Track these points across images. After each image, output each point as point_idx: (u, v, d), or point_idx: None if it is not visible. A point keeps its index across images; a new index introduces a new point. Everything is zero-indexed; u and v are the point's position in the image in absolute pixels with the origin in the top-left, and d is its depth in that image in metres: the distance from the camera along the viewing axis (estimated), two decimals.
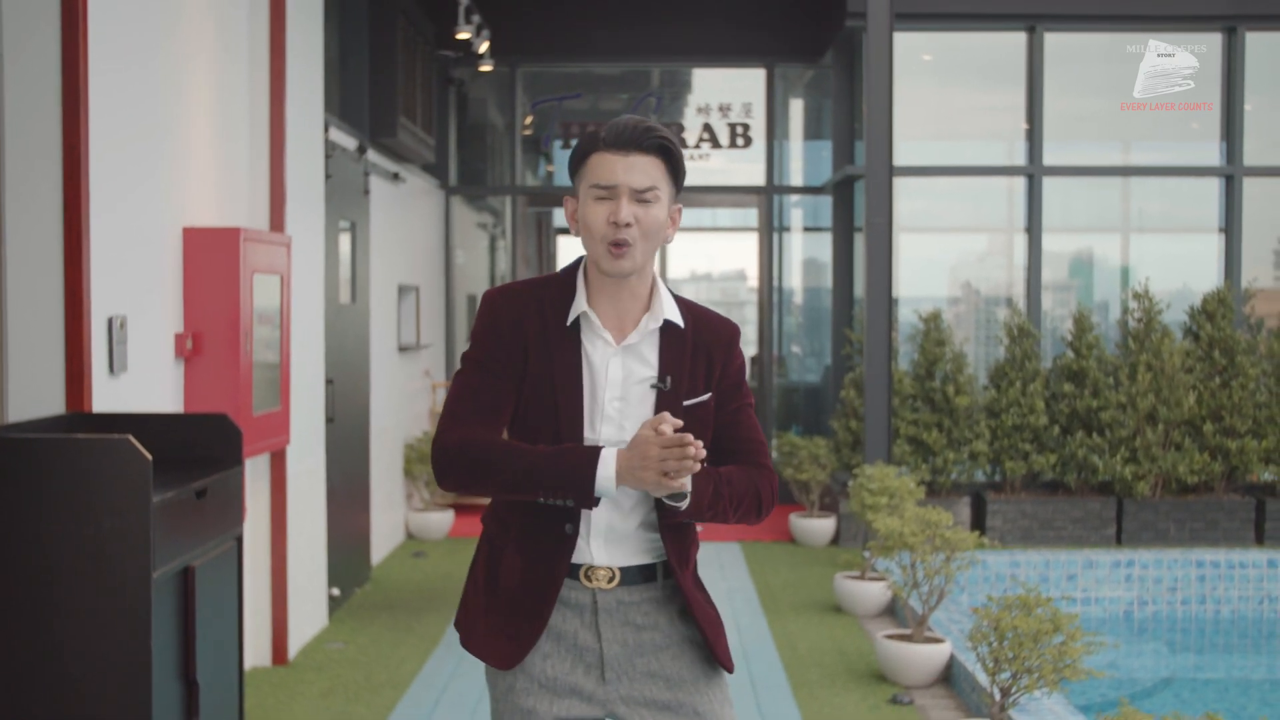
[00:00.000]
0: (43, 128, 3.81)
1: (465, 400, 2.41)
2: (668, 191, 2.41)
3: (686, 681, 2.44)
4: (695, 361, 2.45)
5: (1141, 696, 6.41)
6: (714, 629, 2.47)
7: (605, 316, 2.44)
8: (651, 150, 2.37)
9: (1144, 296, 8.81)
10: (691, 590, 2.46)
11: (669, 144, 2.38)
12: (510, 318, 2.43)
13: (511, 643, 2.41)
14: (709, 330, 2.48)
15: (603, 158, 2.37)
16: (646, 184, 2.36)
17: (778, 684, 5.67)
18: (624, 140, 2.37)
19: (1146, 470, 8.44)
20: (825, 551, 8.66)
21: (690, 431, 2.33)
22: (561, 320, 2.42)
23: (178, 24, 4.83)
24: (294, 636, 6.03)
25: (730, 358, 2.49)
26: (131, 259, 4.26)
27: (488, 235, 12.47)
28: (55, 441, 3.19)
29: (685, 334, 2.45)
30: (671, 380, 2.42)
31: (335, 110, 7.46)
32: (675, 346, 2.44)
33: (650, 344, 2.44)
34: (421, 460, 9.00)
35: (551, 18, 10.64)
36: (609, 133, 2.38)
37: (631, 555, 2.43)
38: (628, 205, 2.35)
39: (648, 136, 2.37)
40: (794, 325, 11.84)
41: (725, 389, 2.48)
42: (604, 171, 2.37)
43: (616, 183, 2.35)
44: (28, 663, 3.16)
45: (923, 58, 9.98)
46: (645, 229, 2.37)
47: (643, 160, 2.37)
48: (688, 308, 2.49)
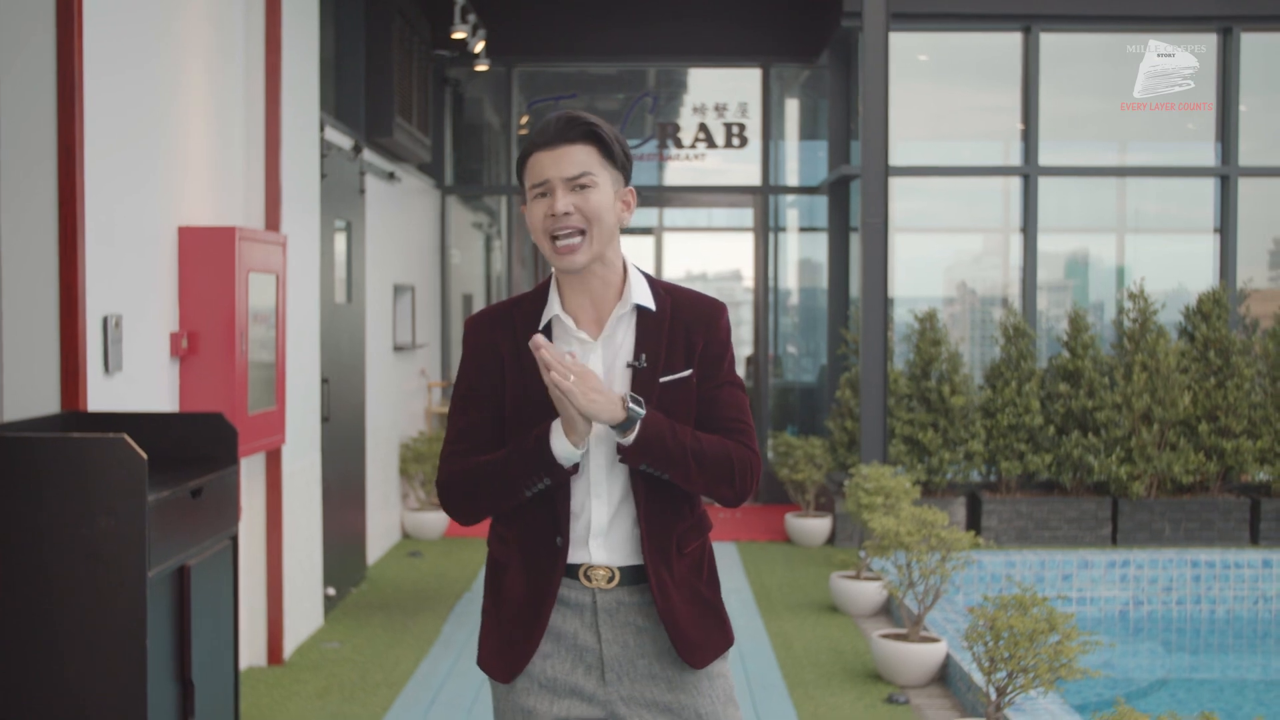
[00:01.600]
0: (38, 128, 3.80)
1: (455, 442, 2.46)
2: (608, 176, 2.40)
3: (689, 683, 2.43)
4: (674, 339, 2.43)
5: (1137, 696, 6.41)
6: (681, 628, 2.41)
7: (583, 313, 2.44)
8: (578, 139, 2.37)
9: (1139, 297, 8.82)
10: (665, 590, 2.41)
11: (596, 128, 2.38)
12: (485, 342, 2.46)
13: (511, 655, 2.42)
14: (689, 308, 2.47)
15: (536, 158, 2.39)
16: (577, 171, 2.36)
17: (773, 684, 5.68)
18: (551, 136, 2.38)
19: (1142, 470, 8.45)
20: (821, 551, 8.66)
21: (669, 409, 2.37)
22: (534, 329, 2.44)
23: (173, 24, 4.83)
24: (289, 636, 6.03)
25: (713, 334, 2.47)
26: (127, 258, 4.26)
27: (483, 235, 12.47)
28: (50, 440, 3.19)
29: (663, 314, 2.45)
30: (647, 358, 2.41)
31: (331, 109, 7.46)
32: (651, 327, 2.44)
33: (627, 330, 2.44)
34: (417, 460, 9.00)
35: (547, 18, 10.64)
36: (538, 132, 2.40)
37: (629, 555, 2.43)
38: (563, 196, 2.36)
39: (572, 126, 2.37)
40: (789, 325, 11.84)
41: (705, 362, 2.45)
42: (537, 170, 2.39)
43: (548, 176, 2.37)
44: (23, 661, 3.15)
45: (919, 58, 9.98)
46: (587, 214, 2.36)
47: (572, 149, 2.37)
48: (668, 290, 2.49)
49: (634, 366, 2.41)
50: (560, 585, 2.41)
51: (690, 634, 2.43)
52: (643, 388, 2.39)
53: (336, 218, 7.15)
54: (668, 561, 2.43)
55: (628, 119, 11.01)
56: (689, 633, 2.42)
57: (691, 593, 2.46)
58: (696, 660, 2.42)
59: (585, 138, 2.38)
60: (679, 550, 2.45)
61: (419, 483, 9.18)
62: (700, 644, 2.43)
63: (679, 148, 10.93)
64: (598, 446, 2.40)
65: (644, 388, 2.39)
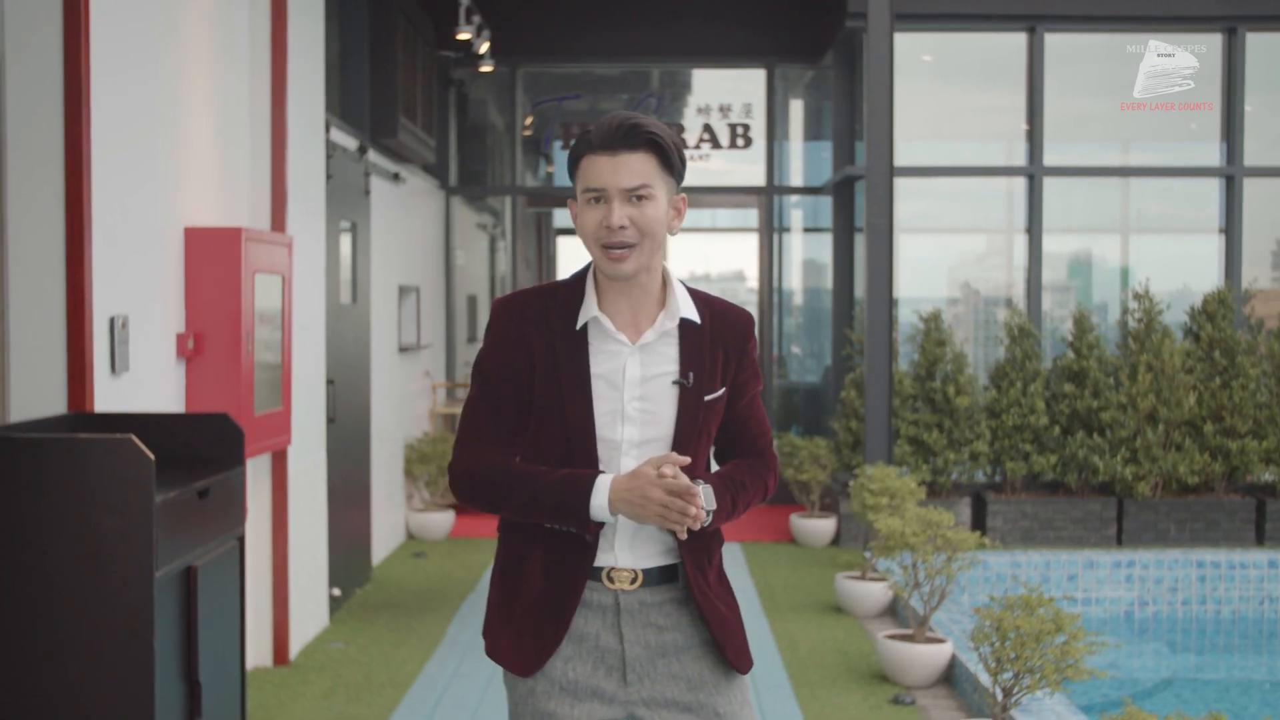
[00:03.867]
0: (45, 129, 3.81)
1: (473, 421, 2.44)
2: (664, 185, 2.36)
3: (708, 683, 2.43)
4: (714, 357, 2.43)
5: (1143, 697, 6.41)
6: (725, 630, 2.45)
7: (620, 316, 2.41)
8: (639, 147, 2.32)
9: (1144, 297, 8.81)
10: (704, 591, 2.44)
11: (657, 138, 2.33)
12: (515, 329, 2.42)
13: (532, 650, 2.40)
14: (724, 323, 2.46)
15: (593, 160, 2.34)
16: (637, 182, 2.32)
17: (779, 684, 5.67)
18: (611, 140, 2.32)
19: (1147, 471, 8.44)
20: (826, 552, 8.66)
21: (705, 425, 2.40)
22: (570, 327, 2.40)
23: (179, 25, 4.83)
24: (295, 637, 6.03)
25: (745, 350, 2.48)
26: (133, 259, 4.26)
27: (488, 236, 12.47)
28: (57, 441, 3.19)
29: (704, 329, 2.43)
30: (694, 376, 2.40)
31: (336, 111, 7.46)
32: (695, 342, 2.42)
33: (668, 341, 2.42)
34: (422, 460, 9.00)
35: (552, 18, 10.64)
36: (596, 134, 2.35)
37: (655, 555, 2.42)
38: (620, 207, 2.32)
39: (634, 134, 2.32)
40: (794, 326, 11.84)
41: (740, 381, 2.48)
42: (593, 175, 2.34)
43: (605, 185, 2.32)
44: (30, 663, 3.15)
45: (923, 58, 9.98)
46: (642, 228, 2.33)
47: (632, 158, 2.32)
48: (703, 301, 2.47)
49: (682, 385, 2.40)
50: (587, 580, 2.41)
51: (734, 640, 2.46)
52: (689, 405, 2.40)
53: (341, 218, 7.15)
54: (704, 571, 2.45)
55: None
56: (732, 639, 2.46)
57: (724, 599, 2.49)
58: (742, 665, 2.46)
59: (646, 146, 2.33)
60: (709, 560, 2.47)
61: (424, 483, 9.18)
62: (741, 649, 2.47)
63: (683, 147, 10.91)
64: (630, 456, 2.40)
65: (690, 405, 2.40)
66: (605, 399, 2.39)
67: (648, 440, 2.39)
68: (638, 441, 2.38)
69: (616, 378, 2.39)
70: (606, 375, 2.39)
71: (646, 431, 2.39)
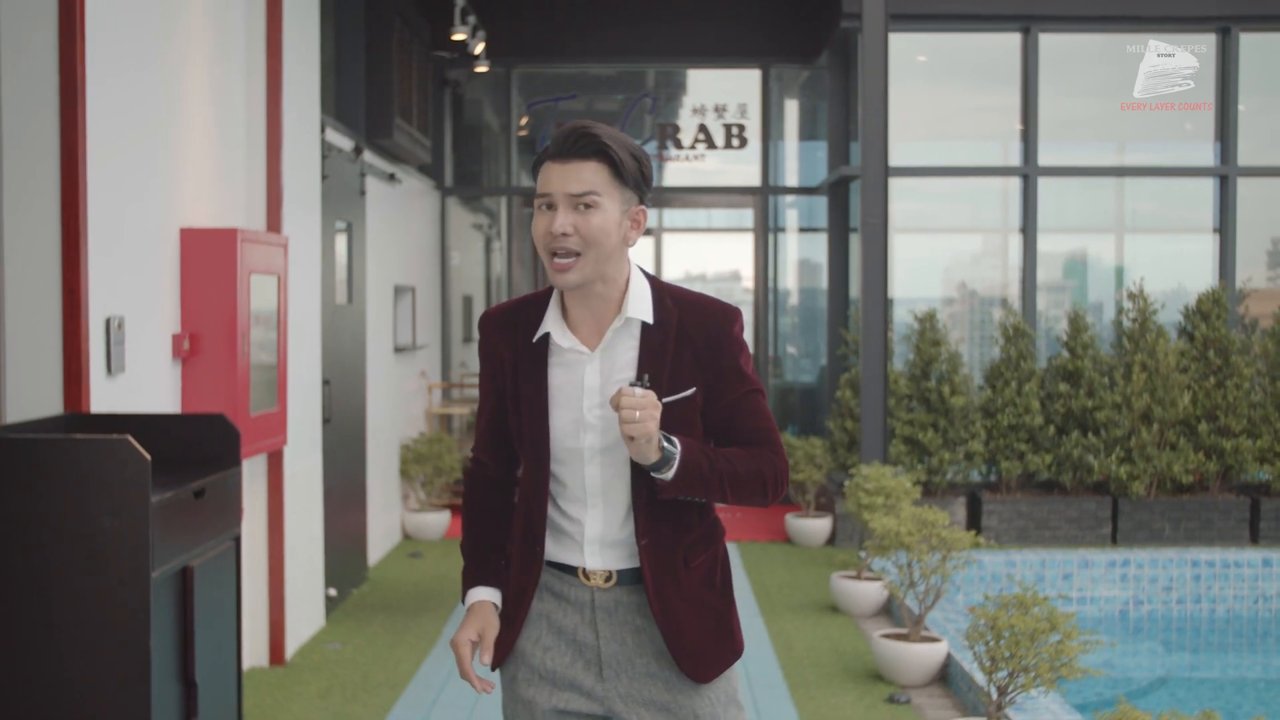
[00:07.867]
0: (41, 130, 3.81)
1: (477, 427, 2.59)
2: (616, 196, 2.32)
3: (686, 684, 2.42)
4: (679, 354, 2.37)
5: (1137, 695, 6.42)
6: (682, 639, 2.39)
7: (583, 325, 2.40)
8: (590, 156, 2.30)
9: (1139, 297, 8.83)
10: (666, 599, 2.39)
11: (608, 148, 2.30)
12: (489, 345, 2.49)
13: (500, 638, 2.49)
14: (696, 320, 2.39)
15: (546, 168, 2.34)
16: (582, 189, 2.29)
17: (774, 684, 5.68)
18: (563, 148, 2.32)
19: (1141, 470, 8.45)
20: (821, 551, 8.67)
21: (672, 429, 2.32)
22: (530, 340, 2.42)
23: (175, 26, 4.83)
24: (291, 637, 6.03)
25: (719, 346, 2.38)
26: (129, 260, 4.27)
27: (483, 236, 12.48)
28: (54, 442, 3.19)
29: (668, 328, 2.38)
30: (651, 378, 2.34)
31: (331, 111, 7.46)
32: (655, 342, 2.37)
33: (628, 344, 2.39)
34: (418, 461, 9.00)
35: (547, 19, 10.65)
36: (553, 141, 2.35)
37: (626, 560, 2.42)
38: (564, 214, 2.30)
39: (585, 142, 2.30)
40: (789, 326, 11.85)
41: (715, 376, 2.38)
42: (544, 180, 2.33)
43: (552, 191, 2.32)
44: (27, 663, 3.16)
45: (918, 58, 9.99)
46: (586, 236, 2.30)
47: (582, 166, 2.30)
48: (676, 298, 2.41)
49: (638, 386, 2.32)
50: (539, 580, 2.45)
51: (695, 650, 2.40)
52: None
53: (337, 219, 7.15)
54: (674, 576, 2.40)
55: (627, 120, 11.02)
56: (693, 649, 2.40)
57: (701, 606, 2.43)
58: (699, 675, 2.41)
59: (597, 155, 2.31)
60: (686, 564, 2.41)
61: (420, 484, 9.19)
62: (704, 660, 2.41)
63: (678, 148, 10.94)
64: (594, 464, 2.38)
65: None
66: (566, 409, 2.38)
67: (610, 447, 2.36)
68: (600, 449, 2.37)
69: (576, 387, 2.39)
70: (566, 385, 2.39)
71: (608, 438, 2.36)
